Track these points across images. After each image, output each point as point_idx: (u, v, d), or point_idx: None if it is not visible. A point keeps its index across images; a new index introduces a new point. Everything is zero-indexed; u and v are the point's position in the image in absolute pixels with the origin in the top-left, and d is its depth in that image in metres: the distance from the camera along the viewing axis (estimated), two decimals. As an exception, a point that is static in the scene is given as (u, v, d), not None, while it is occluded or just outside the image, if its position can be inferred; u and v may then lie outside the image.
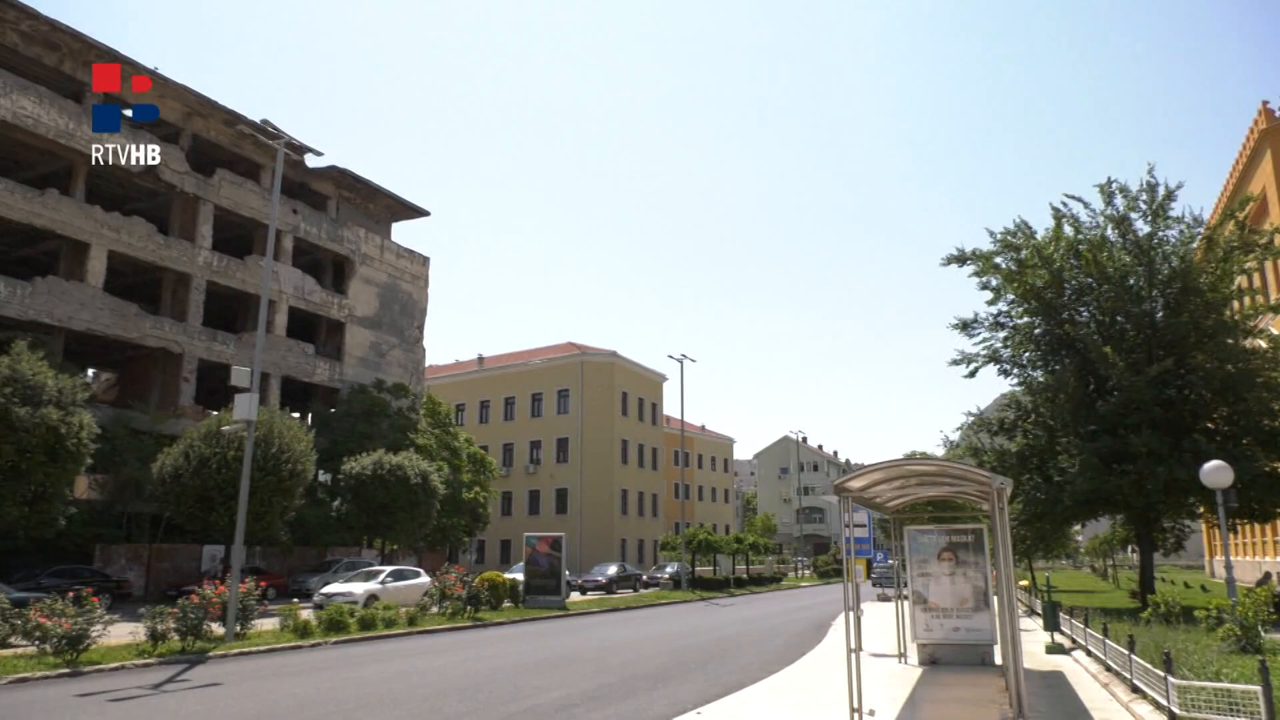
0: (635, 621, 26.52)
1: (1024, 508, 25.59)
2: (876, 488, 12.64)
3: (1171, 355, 23.51)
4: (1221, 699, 8.48)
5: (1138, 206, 25.85)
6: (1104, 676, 12.69)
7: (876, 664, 14.44)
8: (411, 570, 29.76)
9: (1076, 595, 33.38)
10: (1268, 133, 34.79)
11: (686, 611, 31.19)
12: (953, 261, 27.50)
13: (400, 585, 27.60)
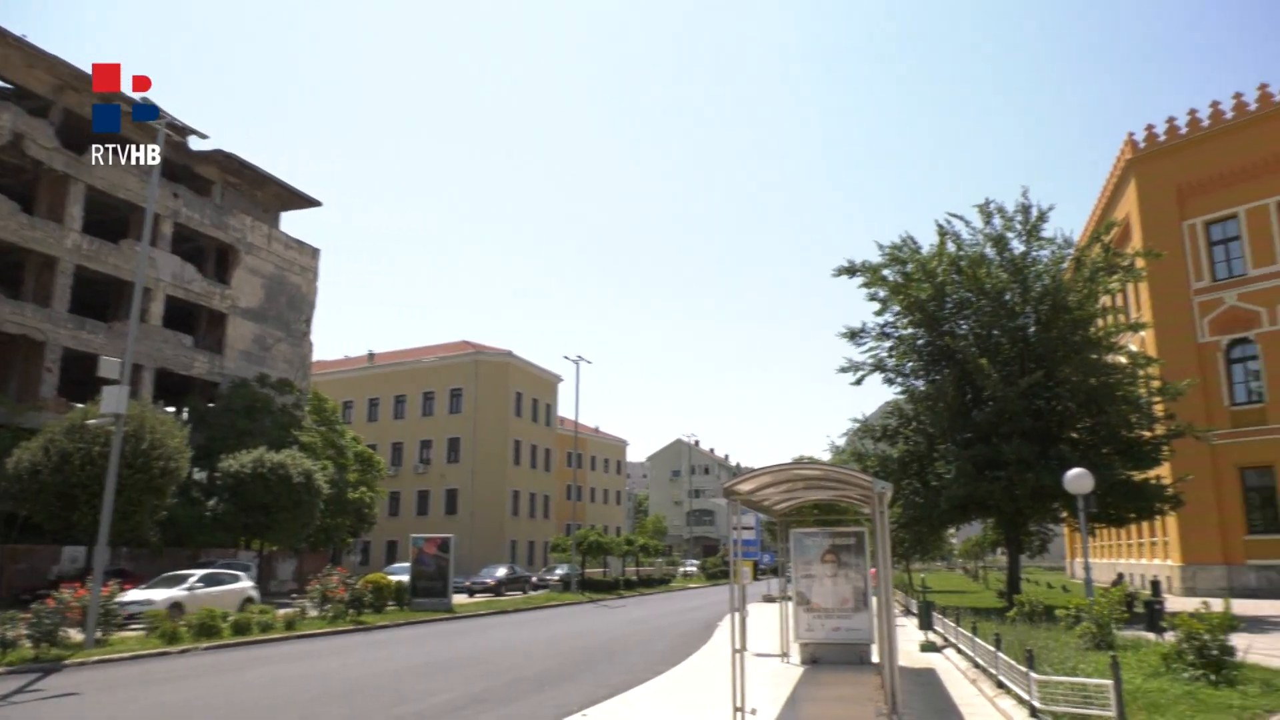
0: (523, 624, 26.32)
1: (903, 511, 26.60)
2: (765, 491, 12.90)
3: (1042, 368, 24.85)
4: (1077, 693, 9.00)
5: (1014, 227, 27.24)
6: (972, 673, 13.29)
7: (760, 664, 14.74)
8: (230, 574, 26.42)
9: (949, 595, 34.82)
10: (1132, 163, 37.22)
11: (576, 613, 31.15)
12: (844, 273, 28.36)
13: (214, 591, 24.27)
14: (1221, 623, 11.54)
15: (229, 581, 25.60)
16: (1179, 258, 34.02)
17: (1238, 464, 32.21)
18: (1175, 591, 31.84)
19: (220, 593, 24.46)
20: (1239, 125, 33.92)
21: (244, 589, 25.73)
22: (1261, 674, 11.42)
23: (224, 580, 25.51)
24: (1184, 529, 32.44)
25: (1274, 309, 32.06)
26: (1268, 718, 9.29)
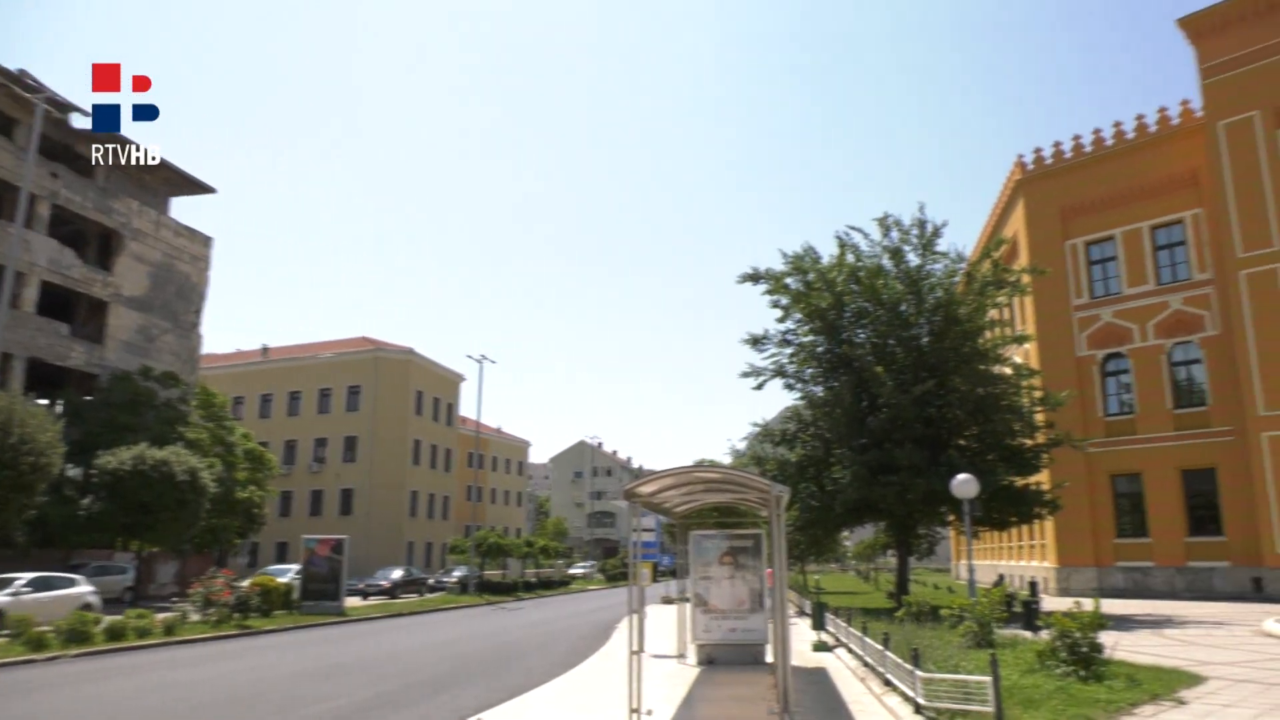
0: (419, 627, 25.82)
1: (800, 514, 27.22)
2: (665, 493, 12.99)
3: (934, 377, 25.80)
4: (959, 689, 9.36)
5: (910, 240, 28.23)
6: (861, 672, 13.68)
7: (657, 665, 14.83)
8: (63, 578, 24.12)
9: (842, 596, 35.75)
10: (1021, 184, 39.08)
11: (473, 616, 30.74)
12: (748, 280, 28.85)
13: (43, 597, 22.04)
14: (1091, 621, 12.18)
15: (62, 586, 23.41)
16: (1061, 275, 35.91)
17: (1109, 471, 34.16)
18: (1051, 592, 33.52)
19: (50, 599, 22.21)
20: (1118, 153, 36.01)
21: (80, 595, 23.41)
22: (1127, 669, 12.11)
23: (57, 585, 23.33)
24: (1060, 532, 34.22)
25: (1145, 326, 34.13)
26: (1131, 710, 9.86)
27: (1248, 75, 31.28)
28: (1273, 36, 30.90)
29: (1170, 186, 34.32)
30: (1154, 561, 32.67)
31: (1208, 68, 32.41)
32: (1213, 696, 10.79)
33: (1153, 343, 33.99)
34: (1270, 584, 28.71)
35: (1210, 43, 32.43)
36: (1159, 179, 34.57)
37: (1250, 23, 31.51)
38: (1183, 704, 10.27)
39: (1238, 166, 31.05)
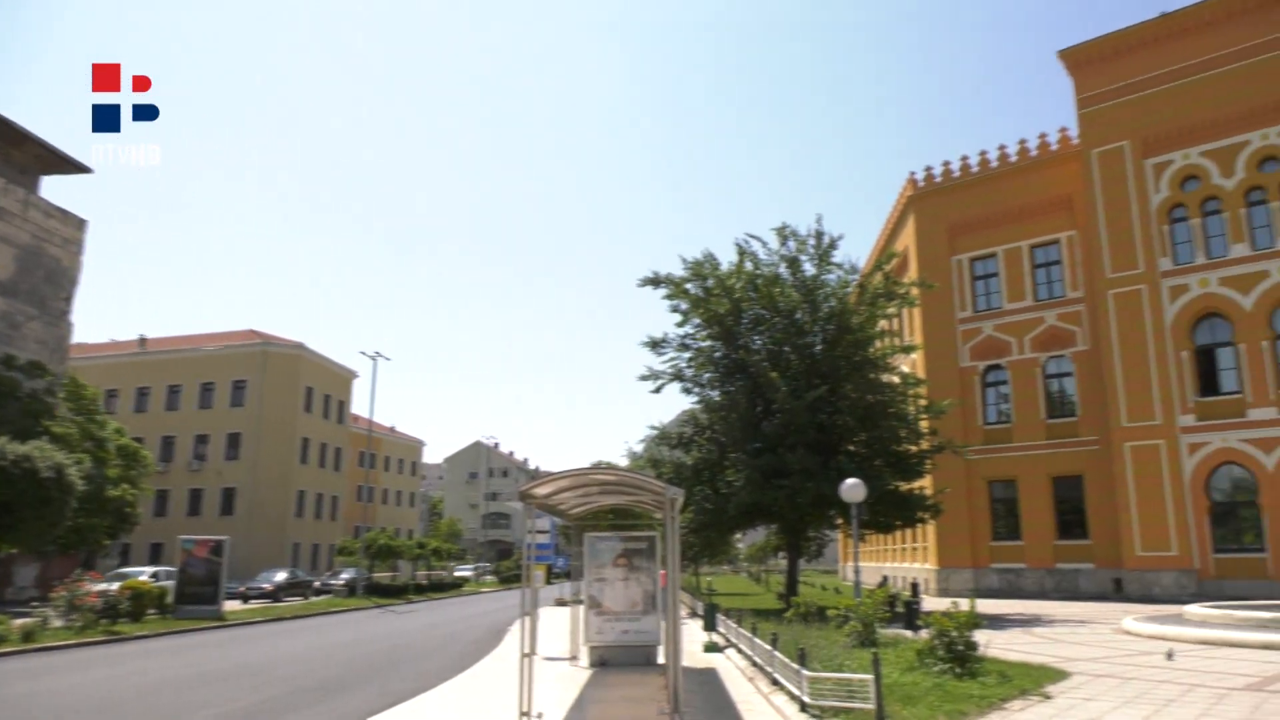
0: (304, 631, 24.97)
1: (694, 516, 27.55)
2: (561, 495, 12.94)
3: (826, 384, 26.53)
4: (843, 688, 9.65)
5: (807, 250, 28.99)
6: (750, 672, 13.93)
7: (549, 667, 14.75)
8: None
9: (734, 598, 36.31)
10: (912, 200, 40.62)
11: (361, 619, 29.93)
12: (648, 283, 29.06)
13: None
14: (967, 621, 12.73)
15: None
16: (948, 289, 37.49)
17: (987, 478, 35.83)
18: (931, 593, 34.90)
19: None
20: (1002, 175, 37.85)
21: None
22: (999, 666, 12.70)
23: None
24: (941, 536, 35.67)
25: (1022, 340, 35.94)
26: (1002, 705, 10.35)
27: (1120, 107, 33.33)
28: (1143, 72, 33.01)
29: (1048, 209, 36.27)
30: (1026, 563, 34.42)
31: (1084, 98, 34.40)
32: (1075, 691, 11.43)
33: (1029, 356, 35.82)
34: (1129, 584, 30.61)
35: (1087, 75, 34.43)
36: (1038, 201, 36.48)
37: (1123, 58, 33.59)
38: (1049, 698, 10.85)
39: (1109, 193, 33.03)
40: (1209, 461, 29.93)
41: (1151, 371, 31.13)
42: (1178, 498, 30.03)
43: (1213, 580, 28.98)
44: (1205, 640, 16.35)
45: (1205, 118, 31.36)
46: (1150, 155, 32.52)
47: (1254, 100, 30.42)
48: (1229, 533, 29.66)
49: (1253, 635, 16.32)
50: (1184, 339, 30.95)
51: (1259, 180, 30.27)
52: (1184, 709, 10.03)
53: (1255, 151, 30.40)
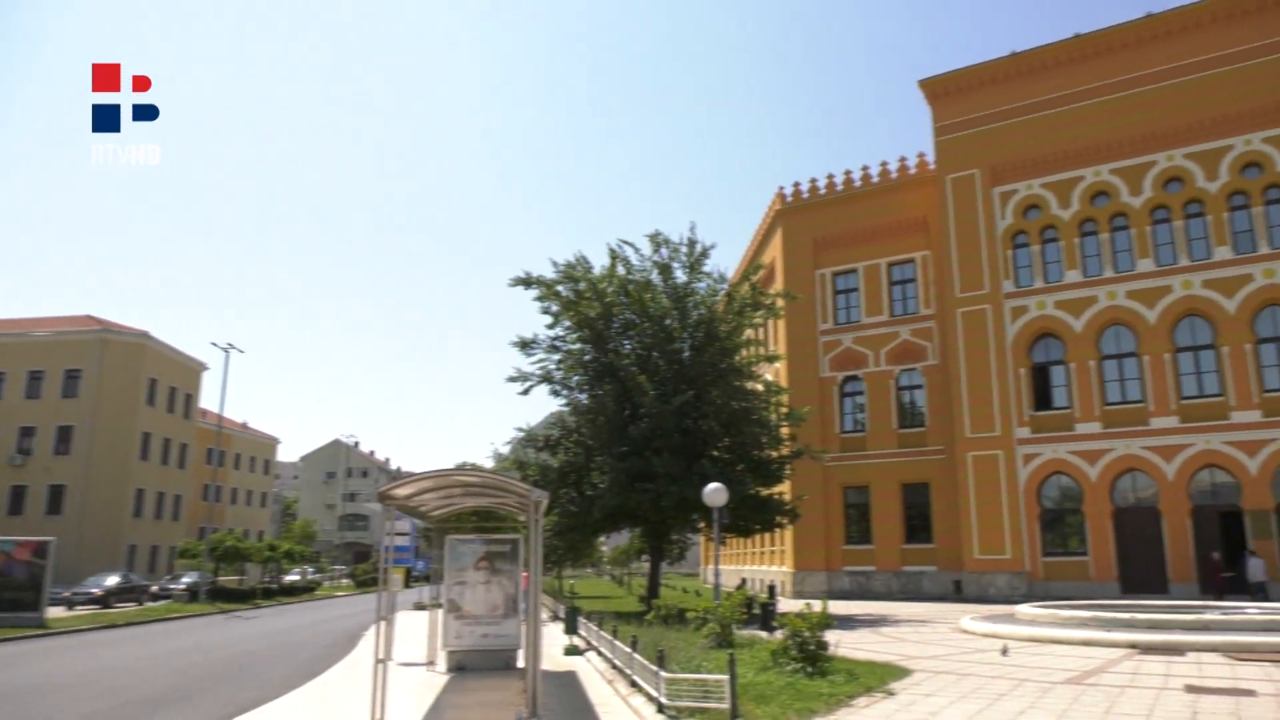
0: (137, 639, 23.39)
1: (559, 519, 27.47)
2: (423, 496, 12.65)
3: (693, 390, 26.98)
4: (699, 688, 9.80)
5: (679, 258, 29.46)
6: (610, 674, 13.97)
7: (405, 673, 14.37)
8: None
9: (596, 601, 36.35)
10: (780, 214, 41.90)
11: (203, 626, 28.32)
12: (519, 284, 28.81)
13: None
14: (819, 622, 13.19)
15: None
16: (811, 301, 38.88)
17: (842, 484, 37.33)
18: (787, 594, 36.01)
19: None
20: (865, 194, 39.56)
21: None
22: (848, 665, 13.22)
23: None
24: (797, 539, 36.90)
25: (879, 353, 37.64)
26: (849, 703, 10.77)
27: (972, 137, 35.43)
28: (993, 106, 35.21)
29: (906, 229, 38.15)
30: (876, 566, 36.02)
31: (940, 126, 36.39)
32: (916, 687, 12.02)
33: (884, 368, 37.56)
34: (968, 586, 32.48)
35: (944, 104, 36.44)
36: (898, 221, 38.32)
37: (976, 92, 35.74)
38: (892, 694, 11.37)
39: (960, 217, 35.04)
40: (1041, 471, 32.14)
41: (993, 386, 33.18)
42: (1013, 505, 32.11)
43: (1041, 582, 31.12)
44: (1034, 638, 17.52)
45: (1046, 152, 33.73)
46: (998, 184, 34.71)
47: (1088, 139, 32.93)
48: (1056, 537, 31.92)
49: (1075, 633, 17.63)
50: (1022, 357, 33.14)
51: (1091, 213, 32.77)
52: (1013, 702, 10.71)
53: (1089, 186, 32.90)
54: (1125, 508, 30.71)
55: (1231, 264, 30.01)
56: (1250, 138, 30.36)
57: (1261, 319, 29.53)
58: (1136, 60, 32.65)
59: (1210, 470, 29.56)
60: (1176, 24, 32.16)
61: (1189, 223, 31.17)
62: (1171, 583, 28.99)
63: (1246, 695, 10.96)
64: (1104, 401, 31.50)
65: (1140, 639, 16.58)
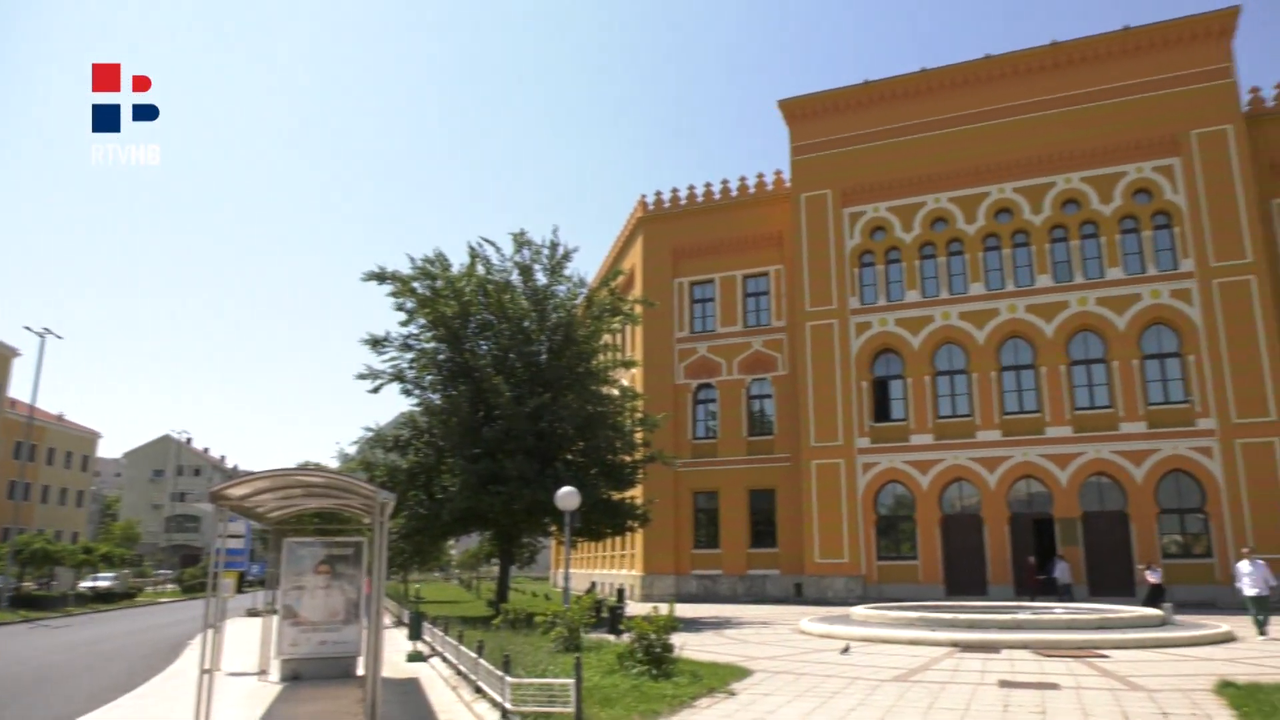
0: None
1: (407, 522, 26.74)
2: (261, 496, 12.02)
3: (549, 393, 26.87)
4: (545, 692, 9.75)
5: (540, 260, 29.31)
6: (454, 680, 13.70)
7: (234, 684, 13.61)
8: None
9: (443, 606, 35.60)
10: (642, 221, 42.41)
11: (4, 637, 25.89)
12: (373, 279, 27.90)
13: None
14: (665, 625, 13.39)
15: None
16: (669, 309, 39.54)
17: (693, 489, 38.10)
18: (636, 598, 36.39)
19: None
20: (723, 207, 40.57)
21: None
22: (692, 666, 13.47)
23: None
24: (647, 543, 37.37)
25: (731, 362, 38.66)
26: (692, 703, 10.97)
27: (826, 159, 36.99)
28: (846, 130, 36.91)
29: (762, 243, 39.39)
30: (722, 570, 36.93)
31: (797, 146, 37.80)
32: (756, 686, 12.40)
33: (736, 377, 38.61)
34: (808, 588, 33.79)
35: (801, 125, 37.89)
36: (754, 235, 39.51)
37: (832, 115, 37.35)
38: (733, 694, 11.68)
39: (812, 234, 36.48)
40: (878, 479, 33.84)
41: (837, 397, 34.70)
42: (851, 511, 33.66)
43: (875, 584, 32.75)
44: (866, 638, 18.42)
45: (893, 177, 35.62)
46: (848, 205, 36.37)
47: (930, 167, 35.01)
48: (890, 542, 33.68)
49: (903, 633, 18.67)
50: (865, 370, 34.82)
51: (931, 237, 34.84)
52: (845, 699, 11.21)
53: (929, 212, 34.96)
54: (952, 515, 32.76)
55: (1051, 291, 32.58)
56: (1070, 176, 33.08)
57: (1075, 343, 32.19)
58: (976, 97, 35.00)
59: (1027, 481, 31.94)
60: (1010, 67, 34.67)
61: (1016, 251, 33.64)
62: (991, 585, 31.13)
63: (1051, 688, 11.89)
64: (936, 415, 33.51)
65: (961, 638, 17.73)
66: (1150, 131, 32.11)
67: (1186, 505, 29.89)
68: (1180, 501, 30.00)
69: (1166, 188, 31.76)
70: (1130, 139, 32.32)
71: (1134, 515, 30.09)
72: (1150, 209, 31.95)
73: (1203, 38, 32.23)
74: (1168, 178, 31.82)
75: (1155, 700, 10.83)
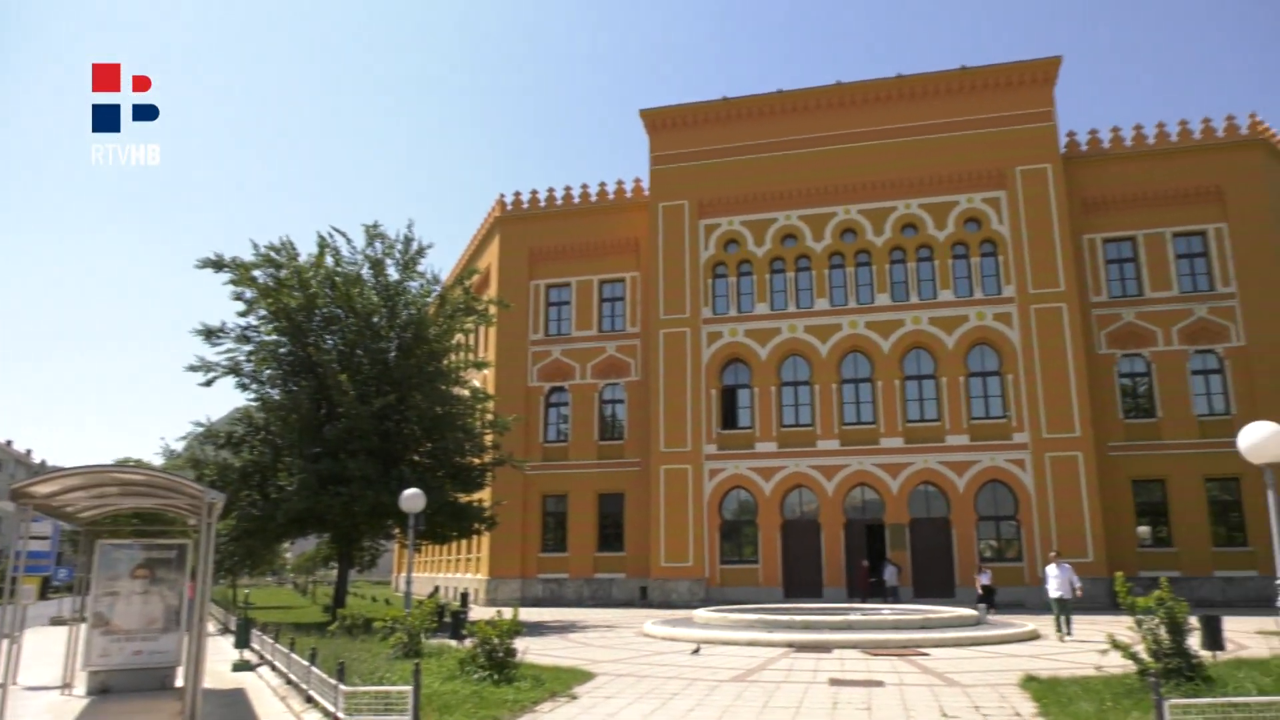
0: None
1: (238, 523, 25.32)
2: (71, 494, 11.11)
3: (396, 392, 26.11)
4: (381, 700, 9.44)
5: (393, 254, 28.45)
6: (284, 690, 13.07)
7: (31, 699, 12.49)
8: None
9: (276, 611, 34.03)
10: (499, 221, 41.93)
11: None
12: (210, 265, 26.30)
13: None
14: (509, 629, 13.26)
15: None
16: (524, 311, 39.25)
17: (542, 492, 37.93)
18: (481, 602, 35.85)
19: None
20: (583, 211, 40.66)
21: None
22: (534, 671, 13.40)
23: None
24: (493, 547, 36.90)
25: (585, 366, 38.75)
26: (533, 708, 10.91)
27: (684, 170, 37.76)
28: (704, 144, 37.81)
29: (619, 249, 39.72)
30: (569, 573, 36.93)
31: (656, 156, 38.42)
32: (599, 690, 12.46)
33: (589, 381, 38.74)
34: (653, 592, 34.27)
35: (661, 136, 38.54)
36: (611, 241, 39.80)
37: (691, 128, 38.19)
38: (575, 698, 11.70)
39: (669, 243, 37.14)
40: (723, 485, 34.76)
41: (687, 404, 35.42)
42: (697, 516, 34.41)
43: (718, 587, 33.61)
44: (708, 640, 18.85)
45: (747, 192, 36.77)
46: (704, 216, 37.25)
47: (782, 185, 36.36)
48: (733, 546, 34.66)
49: (742, 634, 19.26)
50: (714, 379, 35.71)
51: (781, 253, 36.15)
52: (684, 700, 11.43)
53: (780, 228, 36.28)
54: (792, 520, 34.05)
55: (888, 309, 34.46)
56: (910, 202, 35.14)
57: (909, 359, 34.17)
58: (827, 121, 36.64)
59: (862, 488, 33.62)
60: (859, 95, 36.51)
61: (858, 270, 35.40)
62: (825, 587, 32.55)
63: (877, 685, 12.54)
64: (780, 424, 34.76)
65: (796, 639, 18.46)
66: (981, 165, 34.57)
67: (1002, 513, 32.28)
68: (996, 509, 32.37)
69: (994, 218, 34.26)
70: (963, 171, 34.69)
71: (956, 521, 32.21)
72: (979, 237, 34.37)
73: (1029, 83, 35.02)
74: (995, 209, 34.34)
75: (969, 695, 11.61)
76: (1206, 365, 32.94)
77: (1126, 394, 33.56)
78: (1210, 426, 31.81)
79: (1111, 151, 35.18)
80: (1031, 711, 10.34)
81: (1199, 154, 34.35)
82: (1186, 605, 11.31)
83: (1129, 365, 33.64)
